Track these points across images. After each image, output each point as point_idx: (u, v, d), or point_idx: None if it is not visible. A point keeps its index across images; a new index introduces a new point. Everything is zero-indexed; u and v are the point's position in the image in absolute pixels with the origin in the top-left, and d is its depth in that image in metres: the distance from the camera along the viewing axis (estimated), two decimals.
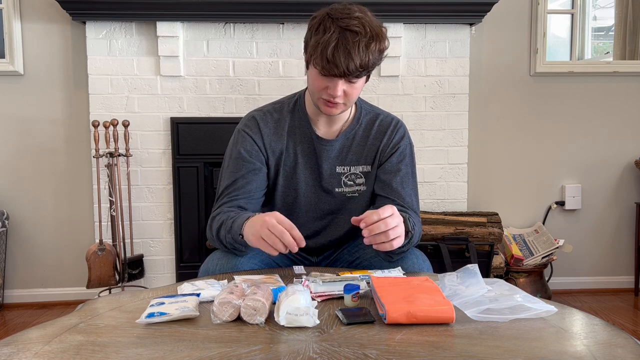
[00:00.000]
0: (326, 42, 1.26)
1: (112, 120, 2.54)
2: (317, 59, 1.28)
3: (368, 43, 1.27)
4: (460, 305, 1.03)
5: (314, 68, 1.32)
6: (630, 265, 3.02)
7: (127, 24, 2.64)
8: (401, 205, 1.43)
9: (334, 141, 1.47)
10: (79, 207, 2.80)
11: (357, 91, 1.36)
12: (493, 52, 2.90)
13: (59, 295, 2.83)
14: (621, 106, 2.99)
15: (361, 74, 1.30)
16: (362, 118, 1.50)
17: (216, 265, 1.36)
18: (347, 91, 1.33)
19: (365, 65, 1.28)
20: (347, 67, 1.26)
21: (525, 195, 2.99)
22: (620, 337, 0.91)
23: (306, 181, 1.48)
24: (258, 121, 1.47)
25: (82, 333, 0.95)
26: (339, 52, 1.25)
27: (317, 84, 1.34)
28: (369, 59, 1.28)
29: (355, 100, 1.40)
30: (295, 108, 1.48)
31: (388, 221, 1.17)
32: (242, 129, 1.47)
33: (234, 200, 1.42)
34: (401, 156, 1.48)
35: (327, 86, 1.32)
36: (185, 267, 2.71)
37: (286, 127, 1.47)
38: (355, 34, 1.26)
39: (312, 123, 1.47)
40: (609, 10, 3.23)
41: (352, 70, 1.27)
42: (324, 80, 1.32)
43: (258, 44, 2.70)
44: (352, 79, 1.31)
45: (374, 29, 1.30)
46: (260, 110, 1.50)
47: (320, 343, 0.89)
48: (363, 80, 1.36)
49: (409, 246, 1.35)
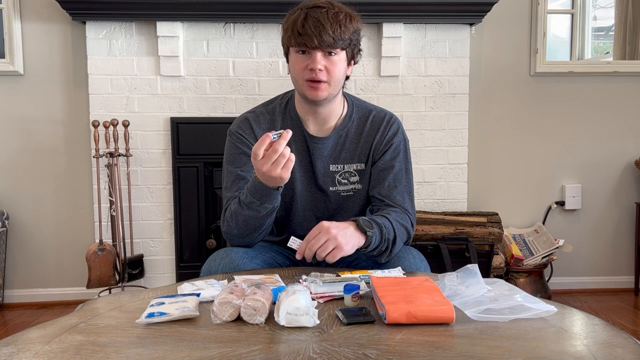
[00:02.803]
0: (295, 19, 1.34)
1: (112, 120, 2.54)
2: (291, 37, 1.34)
3: (337, 14, 1.33)
4: (460, 305, 1.03)
5: (292, 51, 1.37)
6: (630, 265, 3.02)
7: (127, 24, 2.64)
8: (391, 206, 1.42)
9: (327, 139, 1.46)
10: (79, 207, 2.80)
11: (339, 69, 1.37)
12: (493, 52, 2.90)
13: (59, 295, 2.83)
14: (621, 106, 2.99)
15: (336, 44, 1.32)
16: (354, 115, 1.49)
17: (218, 265, 1.36)
18: (328, 67, 1.35)
19: (339, 35, 1.32)
20: (319, 35, 1.30)
21: (525, 195, 2.99)
22: (620, 337, 0.91)
23: (301, 180, 1.48)
24: (251, 122, 1.47)
25: (82, 333, 0.95)
26: (309, 23, 1.31)
27: (297, 66, 1.37)
28: (340, 29, 1.32)
29: (339, 83, 1.41)
30: (287, 108, 1.49)
31: (311, 246, 1.23)
32: (235, 131, 1.48)
33: None
34: (395, 152, 1.47)
35: (307, 64, 1.34)
36: (185, 267, 2.71)
37: (279, 127, 1.47)
38: (322, 8, 1.33)
39: (303, 121, 1.47)
40: (609, 10, 3.23)
41: (327, 39, 1.31)
42: (303, 59, 1.35)
43: (258, 44, 2.70)
44: (329, 49, 1.33)
45: (343, 7, 1.37)
46: (253, 112, 1.51)
47: (320, 343, 0.89)
48: (343, 57, 1.38)
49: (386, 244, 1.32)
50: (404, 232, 1.39)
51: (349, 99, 1.52)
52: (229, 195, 1.43)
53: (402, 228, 1.38)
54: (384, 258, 1.35)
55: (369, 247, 1.29)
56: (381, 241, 1.31)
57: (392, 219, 1.35)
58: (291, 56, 1.38)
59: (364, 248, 1.29)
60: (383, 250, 1.33)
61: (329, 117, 1.46)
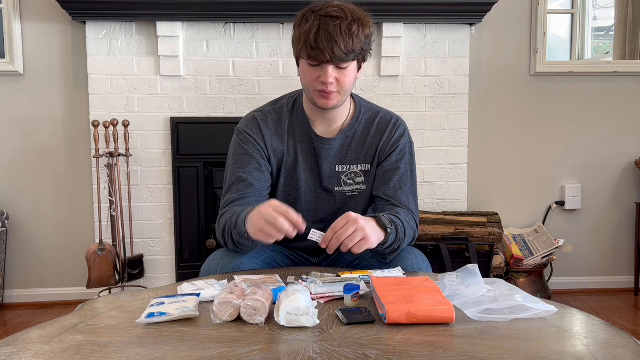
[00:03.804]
0: (308, 31, 1.29)
1: (112, 120, 2.54)
2: (303, 49, 1.31)
3: (350, 25, 1.29)
4: (460, 305, 1.03)
5: (303, 61, 1.35)
6: (630, 265, 3.02)
7: (127, 24, 2.64)
8: (396, 206, 1.43)
9: (333, 140, 1.47)
10: (79, 207, 2.80)
11: (349, 79, 1.36)
12: (493, 52, 2.90)
13: (59, 295, 2.83)
14: (621, 106, 2.99)
15: (348, 57, 1.30)
16: (361, 116, 1.50)
17: (217, 265, 1.36)
18: (339, 78, 1.34)
19: (351, 48, 1.29)
20: (332, 51, 1.27)
21: (525, 195, 2.99)
22: (620, 337, 0.91)
23: (307, 181, 1.48)
24: (259, 122, 1.47)
25: (82, 333, 0.95)
26: (322, 36, 1.28)
27: (308, 76, 1.35)
28: (353, 42, 1.29)
29: (350, 90, 1.40)
30: (295, 107, 1.49)
31: (339, 235, 1.19)
32: (243, 130, 1.47)
33: (244, 197, 1.41)
34: (400, 154, 1.48)
35: (319, 76, 1.33)
36: (185, 267, 2.71)
37: (286, 127, 1.47)
38: (335, 18, 1.29)
39: (310, 122, 1.47)
40: (609, 10, 3.23)
41: (338, 54, 1.28)
42: (314, 71, 1.33)
43: (258, 44, 2.70)
44: (341, 63, 1.31)
45: (355, 13, 1.33)
46: (260, 110, 1.50)
47: (320, 343, 0.89)
48: (354, 67, 1.36)
49: (398, 243, 1.33)
50: (411, 233, 1.40)
51: (356, 100, 1.51)
52: (227, 197, 1.43)
53: (410, 229, 1.39)
54: (392, 257, 1.36)
55: (385, 244, 1.28)
56: (396, 239, 1.31)
57: (403, 219, 1.36)
58: (302, 65, 1.37)
59: (380, 245, 1.28)
60: (395, 249, 1.34)
61: (337, 119, 1.47)
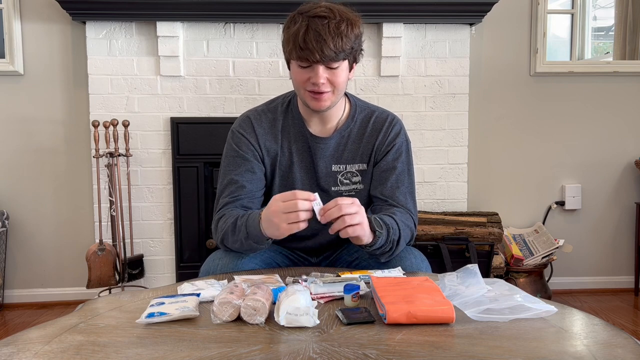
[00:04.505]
0: (296, 32, 1.29)
1: (112, 120, 2.54)
2: (292, 50, 1.31)
3: (338, 24, 1.29)
4: (460, 305, 1.03)
5: (293, 62, 1.35)
6: (630, 265, 3.02)
7: (127, 24, 2.64)
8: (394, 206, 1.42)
9: (329, 139, 1.46)
10: (79, 207, 2.80)
11: (341, 79, 1.35)
12: (493, 52, 2.90)
13: (59, 295, 2.83)
14: (621, 106, 2.99)
15: (338, 56, 1.30)
16: (357, 115, 1.49)
17: (217, 265, 1.36)
18: (330, 78, 1.33)
19: (340, 47, 1.29)
20: (321, 50, 1.27)
21: (525, 195, 2.99)
22: (620, 337, 0.91)
23: (302, 181, 1.47)
24: (252, 121, 1.47)
25: (82, 333, 0.95)
26: (310, 36, 1.27)
27: (299, 78, 1.35)
28: (342, 41, 1.29)
29: (342, 91, 1.39)
30: (289, 107, 1.48)
31: (342, 207, 1.19)
32: (236, 130, 1.47)
33: (237, 200, 1.41)
34: (397, 153, 1.47)
35: (309, 77, 1.33)
36: (185, 267, 2.71)
37: (280, 126, 1.46)
38: (323, 18, 1.29)
39: (305, 122, 1.47)
40: (609, 10, 3.23)
41: (328, 54, 1.28)
42: (305, 72, 1.33)
43: (258, 44, 2.70)
44: (331, 63, 1.31)
45: (344, 13, 1.32)
46: (255, 110, 1.50)
47: (320, 343, 0.89)
48: (345, 66, 1.36)
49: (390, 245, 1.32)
50: (408, 233, 1.40)
51: (351, 99, 1.51)
52: (220, 200, 1.43)
53: (407, 229, 1.38)
54: (385, 257, 1.36)
55: (373, 246, 1.29)
56: (386, 242, 1.31)
57: (398, 220, 1.36)
58: (293, 66, 1.36)
59: (368, 246, 1.29)
60: (386, 250, 1.33)
61: (331, 118, 1.46)
